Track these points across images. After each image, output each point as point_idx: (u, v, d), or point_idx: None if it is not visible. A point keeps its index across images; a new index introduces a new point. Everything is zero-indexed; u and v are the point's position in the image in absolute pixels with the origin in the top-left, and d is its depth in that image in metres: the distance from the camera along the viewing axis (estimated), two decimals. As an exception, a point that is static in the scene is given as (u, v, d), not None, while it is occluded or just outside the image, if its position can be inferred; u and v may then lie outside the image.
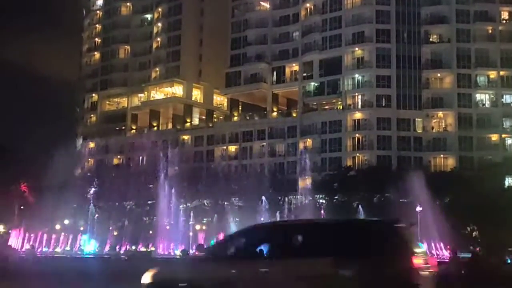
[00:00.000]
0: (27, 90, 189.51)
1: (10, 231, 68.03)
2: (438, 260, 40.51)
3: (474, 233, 68.46)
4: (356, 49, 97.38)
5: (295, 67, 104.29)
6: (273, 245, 11.45)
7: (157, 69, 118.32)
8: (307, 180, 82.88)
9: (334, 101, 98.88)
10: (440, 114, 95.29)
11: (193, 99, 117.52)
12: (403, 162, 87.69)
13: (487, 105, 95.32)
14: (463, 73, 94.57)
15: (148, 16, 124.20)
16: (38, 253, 41.07)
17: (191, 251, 30.80)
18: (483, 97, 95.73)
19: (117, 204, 58.56)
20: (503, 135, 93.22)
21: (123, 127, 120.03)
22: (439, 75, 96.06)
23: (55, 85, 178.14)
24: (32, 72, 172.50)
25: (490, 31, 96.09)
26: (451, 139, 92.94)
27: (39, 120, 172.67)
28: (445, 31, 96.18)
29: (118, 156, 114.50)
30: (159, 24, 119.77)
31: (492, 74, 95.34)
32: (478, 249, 40.98)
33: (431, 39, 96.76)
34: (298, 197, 74.16)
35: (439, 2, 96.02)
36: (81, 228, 52.62)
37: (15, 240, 49.44)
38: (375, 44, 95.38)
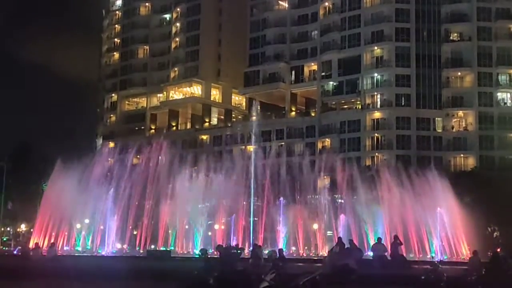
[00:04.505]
0: (49, 90, 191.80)
1: (31, 230, 68.92)
2: (458, 261, 40.15)
3: (495, 234, 67.68)
4: (375, 48, 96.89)
5: (314, 67, 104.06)
6: None
7: (176, 69, 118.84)
8: (325, 180, 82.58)
9: (353, 100, 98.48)
10: (461, 113, 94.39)
11: (211, 99, 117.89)
12: (423, 162, 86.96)
13: (508, 104, 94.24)
14: (484, 71, 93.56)
15: (167, 16, 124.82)
16: (58, 252, 41.50)
17: (210, 251, 30.92)
18: (505, 96, 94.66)
19: (136, 203, 59.01)
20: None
21: (142, 127, 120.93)
22: (459, 73, 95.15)
23: (76, 85, 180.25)
24: (53, 73, 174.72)
25: (511, 29, 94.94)
26: (472, 138, 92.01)
27: (60, 120, 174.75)
28: (465, 29, 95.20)
29: (138, 156, 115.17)
30: (178, 24, 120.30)
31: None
32: (499, 249, 40.52)
33: (451, 38, 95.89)
34: (317, 197, 73.89)
35: (459, 0, 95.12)
36: (101, 227, 53.01)
37: (36, 239, 50.09)
38: (394, 43, 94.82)
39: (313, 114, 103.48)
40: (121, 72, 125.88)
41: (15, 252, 47.98)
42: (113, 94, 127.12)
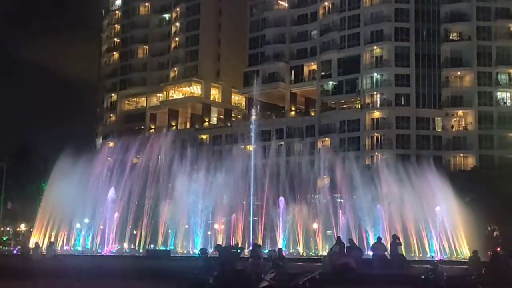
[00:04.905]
0: (49, 90, 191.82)
1: (31, 230, 68.91)
2: (458, 260, 40.14)
3: (495, 233, 67.69)
4: (375, 47, 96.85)
5: (313, 66, 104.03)
6: None
7: (175, 68, 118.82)
8: (325, 179, 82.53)
9: (352, 100, 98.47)
10: (460, 112, 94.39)
11: (211, 98, 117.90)
12: (423, 161, 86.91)
13: (508, 104, 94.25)
14: (484, 71, 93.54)
15: (167, 16, 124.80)
16: (57, 251, 41.50)
17: (210, 250, 30.90)
18: (504, 95, 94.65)
19: (136, 203, 59.04)
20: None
21: (142, 127, 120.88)
22: (459, 73, 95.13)
23: (76, 85, 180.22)
24: (53, 73, 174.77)
25: (511, 29, 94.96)
26: (471, 137, 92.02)
27: (60, 120, 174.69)
28: (465, 29, 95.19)
29: (137, 156, 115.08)
30: (177, 24, 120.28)
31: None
32: (499, 249, 40.57)
33: (451, 37, 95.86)
34: (317, 196, 73.84)
35: (459, 0, 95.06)
36: (101, 227, 53.02)
37: (36, 239, 50.15)
38: (394, 43, 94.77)
39: (312, 114, 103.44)
40: (121, 71, 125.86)
41: (14, 251, 48.03)
42: (113, 94, 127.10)
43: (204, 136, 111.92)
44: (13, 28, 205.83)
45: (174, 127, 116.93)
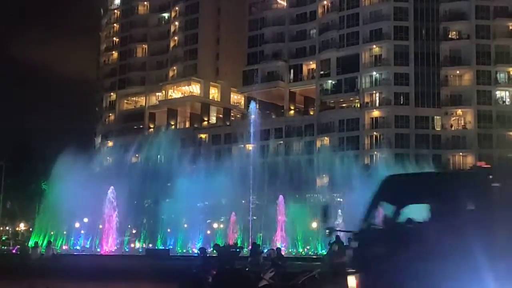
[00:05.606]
0: (47, 90, 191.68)
1: (30, 229, 68.93)
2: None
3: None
4: (374, 46, 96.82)
5: (312, 65, 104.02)
6: None
7: (174, 68, 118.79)
8: (324, 178, 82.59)
9: (351, 99, 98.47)
10: (459, 111, 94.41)
11: (210, 97, 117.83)
12: (422, 160, 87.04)
13: (507, 102, 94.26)
14: (483, 70, 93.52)
15: (165, 15, 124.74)
16: (56, 251, 41.49)
17: (209, 250, 30.95)
18: (503, 94, 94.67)
19: (135, 202, 59.09)
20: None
21: (141, 126, 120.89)
22: (458, 72, 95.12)
23: (74, 84, 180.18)
24: (52, 72, 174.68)
25: (510, 27, 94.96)
26: (470, 136, 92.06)
27: (59, 119, 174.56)
28: (464, 28, 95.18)
29: (137, 155, 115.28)
30: (176, 23, 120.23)
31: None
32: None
33: (450, 36, 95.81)
34: (316, 195, 73.99)
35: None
36: (100, 226, 53.09)
37: (36, 237, 50.22)
38: (393, 42, 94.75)
39: (311, 113, 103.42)
40: (120, 71, 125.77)
41: (13, 251, 48.07)
42: (111, 93, 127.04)
43: (203, 135, 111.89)
44: (11, 27, 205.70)
45: (173, 126, 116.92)
